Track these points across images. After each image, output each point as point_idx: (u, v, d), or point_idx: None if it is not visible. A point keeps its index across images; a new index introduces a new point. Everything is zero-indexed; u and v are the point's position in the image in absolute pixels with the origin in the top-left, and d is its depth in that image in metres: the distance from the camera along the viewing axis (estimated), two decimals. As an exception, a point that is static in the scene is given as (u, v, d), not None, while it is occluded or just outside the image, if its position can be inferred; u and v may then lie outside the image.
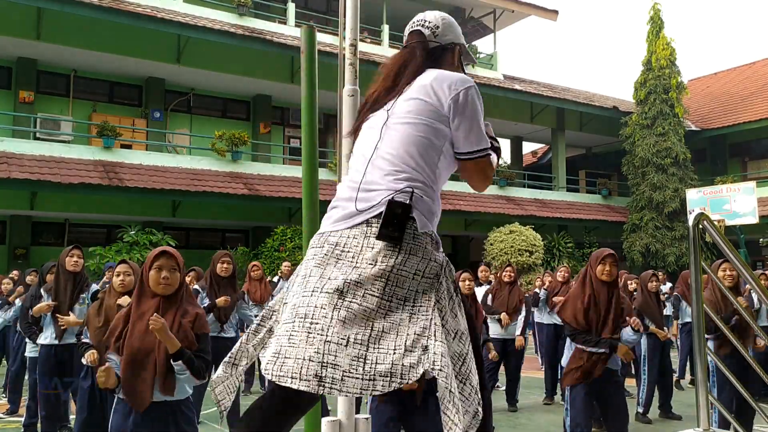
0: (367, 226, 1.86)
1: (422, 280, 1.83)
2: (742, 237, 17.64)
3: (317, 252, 1.91)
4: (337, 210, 1.95)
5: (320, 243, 1.92)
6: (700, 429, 3.06)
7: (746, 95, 24.20)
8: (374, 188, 1.90)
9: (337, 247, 1.87)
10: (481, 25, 22.55)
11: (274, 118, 19.05)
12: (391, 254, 1.81)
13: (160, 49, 15.93)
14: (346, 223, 1.90)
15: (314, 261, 1.89)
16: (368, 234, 1.85)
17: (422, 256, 1.84)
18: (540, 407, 7.66)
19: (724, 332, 3.40)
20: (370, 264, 1.80)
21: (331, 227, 1.93)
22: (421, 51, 2.13)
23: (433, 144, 1.95)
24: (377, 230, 1.82)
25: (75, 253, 5.22)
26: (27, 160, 13.17)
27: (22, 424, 5.88)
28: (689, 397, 7.75)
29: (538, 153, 29.77)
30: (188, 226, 17.43)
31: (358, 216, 1.88)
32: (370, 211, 1.87)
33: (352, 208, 1.90)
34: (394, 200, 1.83)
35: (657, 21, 21.01)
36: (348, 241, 1.86)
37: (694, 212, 7.33)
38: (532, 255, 17.37)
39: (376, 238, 1.82)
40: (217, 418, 5.88)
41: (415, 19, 2.25)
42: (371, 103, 2.11)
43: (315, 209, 2.60)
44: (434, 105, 1.95)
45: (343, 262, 1.84)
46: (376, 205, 1.87)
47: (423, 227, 1.87)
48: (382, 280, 1.79)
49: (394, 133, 1.96)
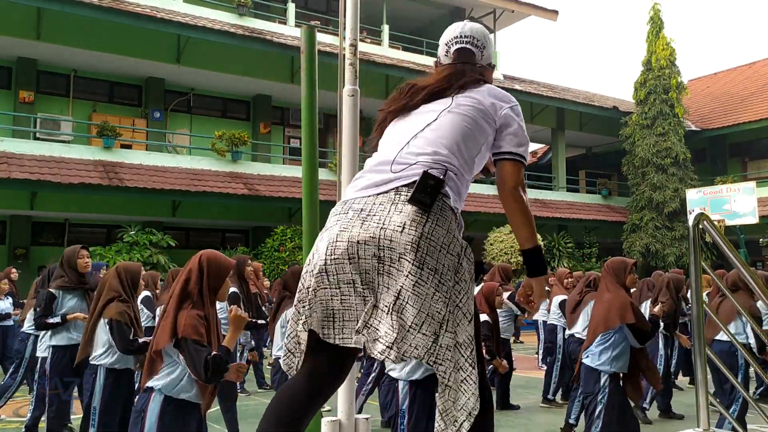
0: (396, 194, 1.87)
1: (448, 255, 1.84)
2: (742, 237, 17.64)
3: (341, 218, 1.90)
4: (363, 179, 1.96)
5: (344, 210, 1.92)
6: (700, 429, 3.06)
7: (746, 95, 24.20)
8: (408, 161, 1.93)
9: (362, 212, 1.87)
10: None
11: (274, 118, 19.05)
12: (419, 220, 1.81)
13: (160, 49, 15.93)
14: (374, 190, 1.90)
15: (339, 226, 1.88)
16: (396, 201, 1.86)
17: (447, 230, 1.86)
18: (540, 407, 7.65)
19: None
20: (398, 227, 1.80)
21: (355, 194, 1.93)
22: (470, 71, 2.19)
23: (476, 138, 2.03)
24: (406, 197, 1.84)
25: (84, 253, 5.22)
26: (27, 160, 13.17)
27: (24, 425, 5.87)
28: (689, 397, 7.74)
29: (538, 153, 29.76)
30: (188, 226, 17.43)
31: (388, 184, 1.90)
32: (401, 180, 1.89)
33: (382, 177, 1.92)
34: (428, 172, 1.87)
35: (657, 21, 21.01)
36: (374, 207, 1.87)
37: (694, 212, 7.33)
38: (532, 255, 17.35)
39: (408, 201, 1.83)
40: (217, 418, 5.88)
41: (460, 33, 2.29)
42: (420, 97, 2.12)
43: (315, 209, 2.60)
44: (487, 108, 2.06)
45: (369, 223, 1.83)
46: (408, 175, 1.89)
47: (453, 202, 1.92)
48: (414, 246, 1.79)
49: (445, 120, 2.02)
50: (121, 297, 4.18)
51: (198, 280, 3.10)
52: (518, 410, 7.38)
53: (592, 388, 4.63)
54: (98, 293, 4.28)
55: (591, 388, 4.64)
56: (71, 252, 5.22)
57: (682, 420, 6.90)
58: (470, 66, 2.22)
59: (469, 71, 2.18)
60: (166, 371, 3.06)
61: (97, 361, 4.24)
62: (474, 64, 2.24)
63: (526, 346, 13.75)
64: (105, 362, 4.20)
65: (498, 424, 6.45)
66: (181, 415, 3.08)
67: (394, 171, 1.92)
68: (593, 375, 4.64)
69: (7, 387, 6.82)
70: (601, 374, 4.60)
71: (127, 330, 4.07)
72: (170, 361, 3.06)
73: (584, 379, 4.74)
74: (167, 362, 3.06)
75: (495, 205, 19.27)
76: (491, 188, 20.65)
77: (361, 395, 6.13)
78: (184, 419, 3.10)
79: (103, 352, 4.24)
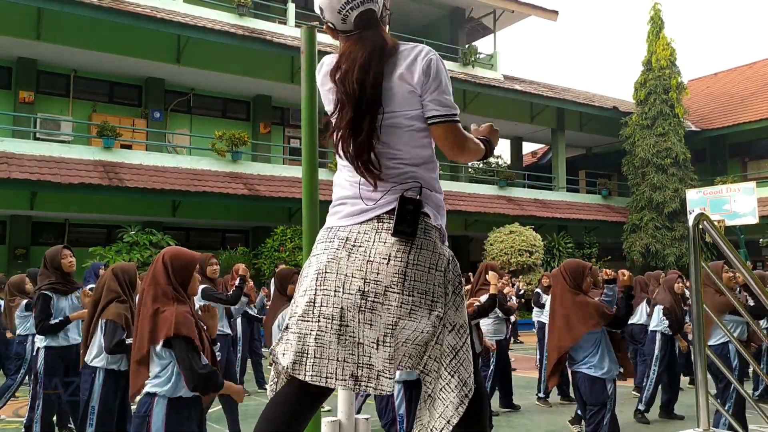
0: (378, 222, 1.85)
1: (436, 273, 1.84)
2: (742, 237, 17.65)
3: (328, 246, 1.89)
4: (345, 206, 1.93)
5: (330, 237, 1.91)
6: (700, 429, 3.06)
7: (746, 95, 24.21)
8: (380, 185, 1.86)
9: (348, 242, 1.85)
10: (481, 25, 22.55)
11: (274, 118, 19.05)
12: (404, 249, 1.80)
13: (160, 49, 15.93)
14: (356, 219, 1.88)
15: (326, 255, 1.86)
16: (379, 229, 1.84)
17: (432, 250, 1.84)
18: (540, 407, 7.64)
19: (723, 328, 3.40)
20: (384, 259, 1.79)
21: (339, 222, 1.92)
22: (381, 39, 1.89)
23: (421, 129, 1.89)
24: (389, 225, 1.82)
25: (67, 253, 5.14)
26: (27, 160, 13.17)
27: (23, 425, 5.87)
28: (689, 397, 7.74)
29: (538, 153, 29.79)
30: (188, 226, 17.43)
31: (369, 212, 1.87)
32: (380, 207, 1.86)
33: (361, 205, 1.89)
34: (404, 196, 1.82)
35: (657, 21, 21.02)
36: (358, 236, 1.85)
37: (694, 212, 7.34)
38: (532, 255, 17.38)
39: (391, 234, 1.81)
40: (218, 418, 5.88)
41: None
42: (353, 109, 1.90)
43: (315, 209, 2.59)
44: (409, 82, 1.85)
45: (356, 255, 1.82)
46: (385, 202, 1.85)
47: (434, 220, 1.89)
48: (400, 276, 1.78)
49: (389, 128, 1.87)
50: (120, 298, 4.17)
51: (166, 278, 3.09)
52: (519, 410, 7.37)
53: (600, 397, 4.51)
54: (96, 295, 4.26)
55: (599, 398, 4.52)
56: (54, 252, 5.12)
57: (682, 420, 6.89)
58: (379, 33, 1.90)
59: (379, 40, 1.87)
60: (165, 376, 3.04)
61: (94, 363, 4.22)
62: (379, 24, 1.93)
63: (526, 346, 13.75)
64: (101, 364, 4.17)
65: (498, 425, 6.47)
66: (185, 413, 3.09)
67: (368, 198, 1.87)
68: (599, 385, 4.54)
69: (7, 387, 6.83)
70: (606, 382, 4.54)
71: (119, 332, 4.04)
72: (164, 363, 3.04)
73: (589, 390, 4.58)
74: (161, 365, 3.05)
75: (495, 205, 19.27)
76: (491, 188, 20.67)
77: (360, 396, 6.11)
78: (189, 417, 3.11)
79: (99, 353, 4.21)
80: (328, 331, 1.80)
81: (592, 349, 4.55)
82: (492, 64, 21.71)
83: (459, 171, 21.23)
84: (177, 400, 3.06)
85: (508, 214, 18.65)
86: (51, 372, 5.10)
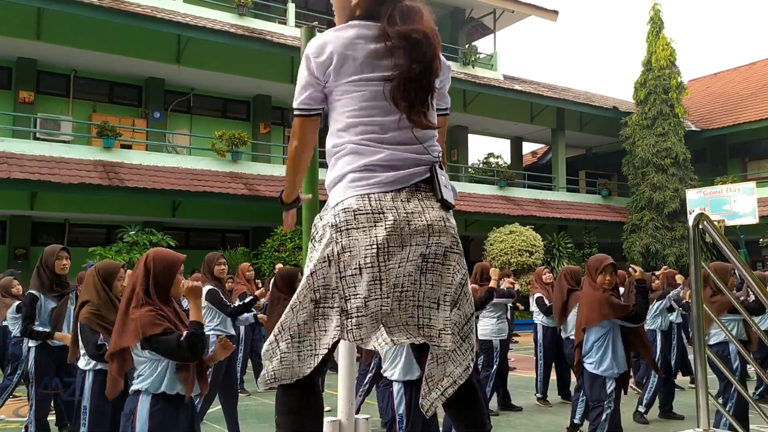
0: (416, 190, 1.92)
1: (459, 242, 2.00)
2: (742, 237, 17.64)
3: (378, 218, 1.84)
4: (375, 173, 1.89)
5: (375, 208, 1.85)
6: (700, 429, 3.06)
7: (746, 95, 24.20)
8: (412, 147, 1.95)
9: (400, 211, 1.85)
10: (481, 25, 22.54)
11: (274, 118, 19.05)
12: (448, 214, 1.96)
13: (160, 49, 15.93)
14: (395, 186, 1.90)
15: (384, 229, 1.82)
16: (422, 197, 1.91)
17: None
18: (541, 407, 7.64)
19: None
20: (441, 222, 1.89)
21: (375, 190, 1.88)
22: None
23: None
24: (426, 194, 1.92)
25: (64, 255, 5.12)
26: (27, 160, 13.16)
27: (23, 425, 5.87)
28: (689, 397, 7.74)
29: (538, 153, 29.76)
30: (188, 226, 17.43)
31: (408, 179, 1.91)
32: (419, 175, 1.93)
33: (397, 171, 1.90)
34: (435, 167, 1.95)
35: (657, 21, 21.02)
36: (408, 204, 1.88)
37: (694, 212, 7.35)
38: (532, 255, 17.37)
39: (438, 202, 1.93)
40: (217, 418, 5.88)
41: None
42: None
43: (315, 209, 2.59)
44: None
45: (415, 223, 1.85)
46: (422, 170, 1.94)
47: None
48: (455, 238, 1.94)
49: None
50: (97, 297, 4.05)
51: (144, 280, 3.12)
52: (519, 411, 7.36)
53: (599, 395, 4.62)
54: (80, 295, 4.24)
55: (598, 395, 4.63)
56: (50, 252, 5.09)
57: (682, 420, 6.89)
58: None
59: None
60: (148, 371, 3.10)
61: (81, 364, 4.16)
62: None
63: (526, 346, 13.74)
64: (89, 366, 4.10)
65: (498, 425, 6.46)
66: (170, 411, 3.11)
67: (404, 165, 1.92)
68: (599, 382, 4.64)
69: (5, 387, 6.83)
70: (606, 380, 4.61)
71: (94, 336, 3.92)
72: (143, 360, 3.10)
73: (589, 387, 4.72)
74: (141, 363, 3.11)
75: (495, 204, 19.27)
76: (491, 188, 20.67)
77: (359, 396, 6.11)
78: (174, 415, 3.12)
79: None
80: (393, 300, 1.86)
81: (598, 343, 4.61)
82: (492, 64, 21.71)
83: (459, 171, 21.23)
84: (161, 396, 3.10)
85: (508, 214, 18.65)
86: (43, 371, 5.10)
